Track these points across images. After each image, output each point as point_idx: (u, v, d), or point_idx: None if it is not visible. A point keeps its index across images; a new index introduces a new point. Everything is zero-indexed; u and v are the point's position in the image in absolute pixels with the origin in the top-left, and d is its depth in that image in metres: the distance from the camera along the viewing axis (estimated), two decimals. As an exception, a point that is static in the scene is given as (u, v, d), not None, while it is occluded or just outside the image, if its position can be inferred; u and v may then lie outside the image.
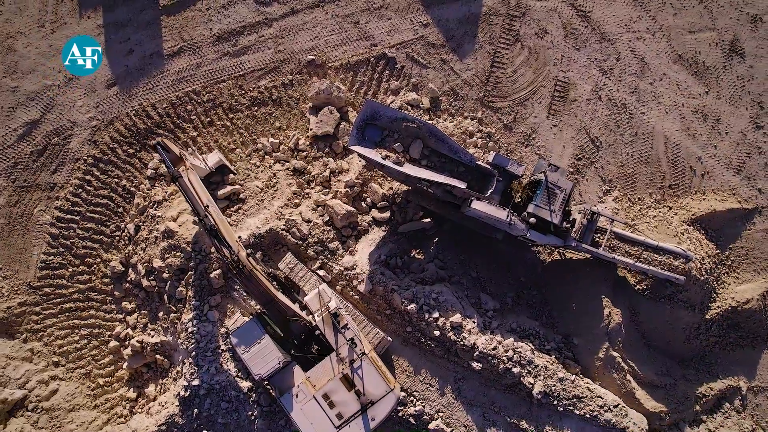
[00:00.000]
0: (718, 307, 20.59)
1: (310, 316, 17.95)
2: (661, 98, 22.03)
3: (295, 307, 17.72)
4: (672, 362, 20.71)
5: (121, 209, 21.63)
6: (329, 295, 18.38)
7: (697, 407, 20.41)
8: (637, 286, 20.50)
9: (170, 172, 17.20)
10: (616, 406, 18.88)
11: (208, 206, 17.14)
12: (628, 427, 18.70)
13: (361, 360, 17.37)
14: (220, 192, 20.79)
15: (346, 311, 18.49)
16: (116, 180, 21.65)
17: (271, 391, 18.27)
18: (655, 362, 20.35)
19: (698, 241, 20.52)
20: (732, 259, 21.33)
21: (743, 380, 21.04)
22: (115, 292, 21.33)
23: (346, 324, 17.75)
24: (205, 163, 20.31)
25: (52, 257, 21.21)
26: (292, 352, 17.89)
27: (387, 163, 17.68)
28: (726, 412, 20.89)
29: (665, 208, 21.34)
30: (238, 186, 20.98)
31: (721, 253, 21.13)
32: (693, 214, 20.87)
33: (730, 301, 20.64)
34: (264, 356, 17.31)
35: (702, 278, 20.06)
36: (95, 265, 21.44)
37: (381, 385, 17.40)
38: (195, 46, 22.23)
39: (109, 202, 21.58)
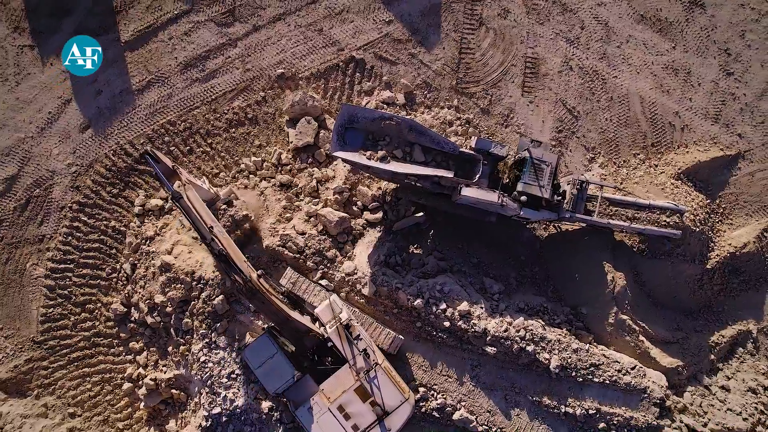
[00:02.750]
0: (717, 255, 20.84)
1: (322, 328, 17.91)
2: (630, 60, 22.25)
3: (308, 321, 17.65)
4: (681, 316, 20.93)
5: (114, 251, 21.45)
6: (340, 306, 18.30)
7: (712, 356, 20.64)
8: (636, 247, 20.69)
9: (169, 191, 15.78)
10: (633, 368, 19.04)
11: (212, 227, 16.09)
12: (649, 387, 18.87)
13: (375, 370, 17.33)
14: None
15: (357, 321, 18.44)
16: (105, 222, 21.47)
17: (287, 404, 18.22)
18: (664, 319, 20.56)
19: (688, 193, 20.75)
20: (723, 206, 21.60)
21: (752, 323, 21.31)
22: (120, 334, 21.15)
23: (359, 335, 17.69)
24: (211, 187, 19.20)
25: (51, 309, 20.99)
26: (305, 365, 17.85)
27: (372, 163, 17.71)
28: (740, 356, 21.14)
29: (651, 167, 21.56)
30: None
31: (712, 202, 21.39)
32: (679, 169, 21.10)
33: (728, 248, 20.90)
34: (277, 372, 17.24)
35: (697, 229, 20.29)
36: (97, 311, 21.25)
37: (396, 395, 17.39)
38: (163, 77, 22.11)
39: (101, 246, 21.40)
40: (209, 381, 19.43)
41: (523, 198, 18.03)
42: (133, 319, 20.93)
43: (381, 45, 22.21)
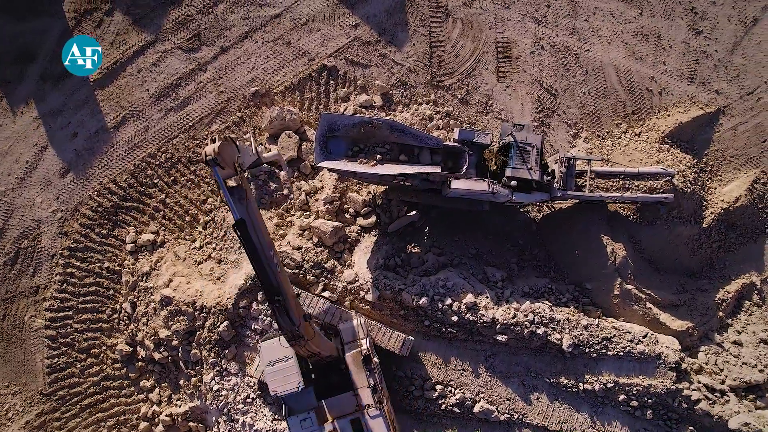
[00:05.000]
0: (712, 213, 20.94)
1: (340, 347, 17.70)
2: (599, 31, 22.30)
3: (335, 347, 17.33)
4: (684, 278, 21.01)
5: (111, 291, 21.19)
6: (364, 333, 18.04)
7: (720, 313, 20.73)
8: (631, 217, 20.74)
9: (235, 216, 13.28)
10: (645, 336, 19.07)
11: (272, 260, 13.94)
12: (662, 352, 18.91)
13: (376, 409, 17.01)
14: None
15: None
16: (98, 264, 21.21)
17: (282, 406, 17.87)
18: (668, 283, 20.63)
19: (674, 156, 20.83)
20: (711, 164, 21.70)
21: (755, 275, 21.42)
22: (130, 374, 20.91)
23: (374, 369, 17.43)
24: (256, 151, 16.61)
25: (56, 359, 20.70)
26: (312, 376, 17.63)
27: (358, 169, 17.61)
28: (748, 309, 21.25)
29: (635, 135, 21.62)
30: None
31: (699, 161, 21.48)
32: (662, 132, 21.17)
33: (721, 204, 21.00)
34: (285, 376, 16.85)
35: (688, 190, 20.38)
36: (102, 354, 20.98)
37: None
38: (137, 111, 21.88)
39: (98, 288, 21.13)
40: (225, 409, 19.25)
41: (513, 183, 18.00)
42: (140, 357, 20.69)
43: (351, 50, 22.11)
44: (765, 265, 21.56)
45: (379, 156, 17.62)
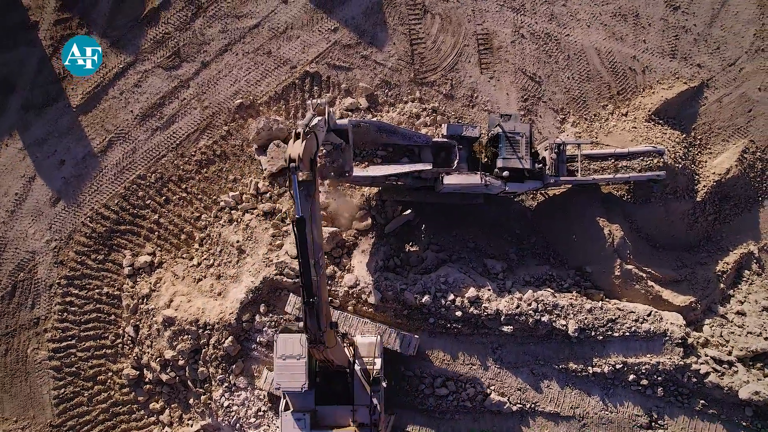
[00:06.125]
0: (704, 186, 21.02)
1: (352, 358, 17.60)
2: (578, 15, 22.34)
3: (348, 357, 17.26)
4: (683, 253, 21.09)
5: (113, 317, 21.06)
6: (379, 353, 17.87)
7: (721, 285, 20.82)
8: (625, 197, 20.80)
9: (298, 207, 12.82)
10: (649, 315, 19.14)
11: (317, 262, 13.64)
12: (668, 329, 18.99)
13: (371, 430, 16.85)
14: None
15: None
16: (97, 290, 21.07)
17: (280, 399, 17.84)
18: (668, 260, 20.71)
19: (663, 133, 20.90)
20: (699, 137, 21.78)
21: (752, 243, 21.52)
22: (138, 398, 20.78)
23: (380, 390, 17.26)
24: (328, 124, 15.40)
25: (63, 389, 20.55)
26: (316, 379, 17.53)
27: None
28: (748, 278, 21.35)
29: (622, 115, 21.67)
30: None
31: (688, 135, 21.56)
32: (649, 110, 21.23)
33: (713, 177, 21.09)
34: (292, 373, 16.59)
35: (680, 166, 20.46)
36: (109, 380, 20.85)
37: None
38: (123, 133, 21.75)
39: (99, 314, 21.00)
40: (237, 424, 19.19)
41: (506, 173, 18.02)
42: (147, 380, 20.57)
43: (332, 54, 22.06)
44: (761, 234, 21.67)
45: (380, 159, 17.63)
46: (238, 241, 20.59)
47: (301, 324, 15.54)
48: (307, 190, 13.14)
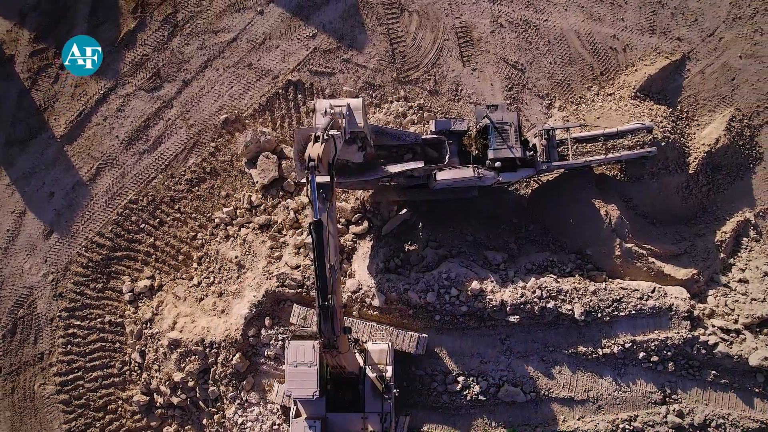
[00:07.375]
0: (695, 158, 21.09)
1: (364, 366, 17.53)
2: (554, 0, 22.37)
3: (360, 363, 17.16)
4: (680, 227, 21.15)
5: (117, 344, 20.91)
6: (390, 360, 17.80)
7: (721, 254, 20.88)
8: (618, 176, 20.84)
9: (315, 210, 12.78)
10: (653, 291, 19.17)
11: (333, 266, 13.74)
12: (673, 303, 19.02)
13: None
14: None
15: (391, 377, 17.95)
16: (99, 320, 20.91)
17: (291, 404, 17.77)
18: (666, 235, 20.74)
19: (650, 109, 20.94)
20: (686, 110, 21.85)
21: (748, 210, 21.59)
22: (151, 423, 20.64)
23: (391, 399, 17.19)
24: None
25: (74, 422, 20.40)
26: (328, 386, 17.45)
27: (341, 177, 17.49)
28: (747, 246, 21.41)
29: (607, 95, 21.72)
30: None
31: (675, 109, 21.62)
32: (633, 88, 21.27)
33: (703, 148, 21.15)
34: (303, 381, 16.43)
35: (669, 140, 20.51)
36: (120, 409, 20.70)
37: None
38: (110, 159, 21.60)
39: (104, 343, 20.85)
40: (253, 440, 19.10)
41: (497, 164, 18.00)
42: (158, 404, 20.44)
43: (313, 60, 21.98)
44: (755, 200, 21.76)
45: (382, 160, 17.59)
46: (236, 257, 20.49)
47: (313, 329, 15.52)
48: (326, 192, 13.37)
